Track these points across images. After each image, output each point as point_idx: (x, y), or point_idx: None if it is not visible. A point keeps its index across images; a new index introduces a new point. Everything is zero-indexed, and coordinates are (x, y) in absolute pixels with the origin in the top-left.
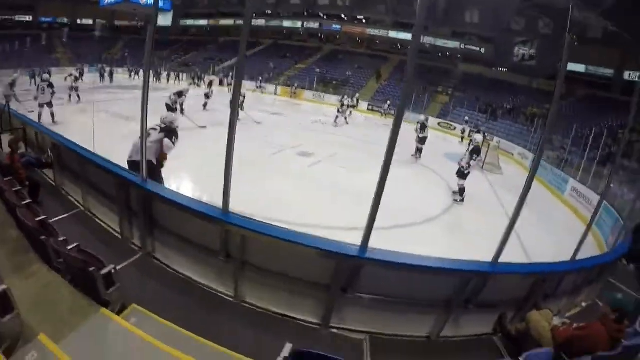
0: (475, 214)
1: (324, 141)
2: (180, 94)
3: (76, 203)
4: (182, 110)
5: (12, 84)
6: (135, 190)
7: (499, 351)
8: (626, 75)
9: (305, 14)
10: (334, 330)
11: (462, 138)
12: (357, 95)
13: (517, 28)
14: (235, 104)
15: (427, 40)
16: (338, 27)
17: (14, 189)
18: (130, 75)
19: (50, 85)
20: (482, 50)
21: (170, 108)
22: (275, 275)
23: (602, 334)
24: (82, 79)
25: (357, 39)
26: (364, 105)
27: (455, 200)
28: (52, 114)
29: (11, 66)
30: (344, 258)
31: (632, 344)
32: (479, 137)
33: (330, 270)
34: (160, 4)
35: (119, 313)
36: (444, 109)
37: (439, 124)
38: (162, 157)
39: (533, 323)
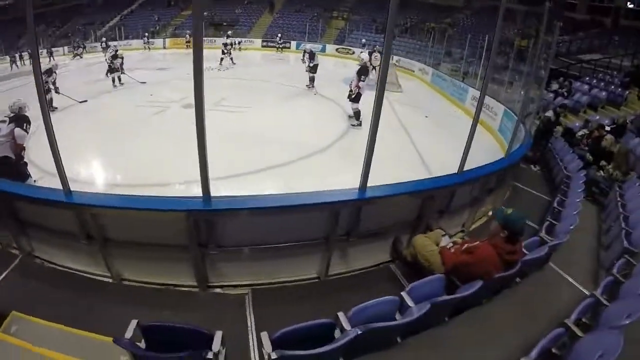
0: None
1: (210, 88)
2: (49, 72)
3: None
4: (56, 89)
5: None
6: None
7: (396, 279)
8: None
9: None
10: (217, 290)
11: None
12: (241, 40)
13: None
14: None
15: None
16: None
17: None
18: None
19: None
20: None
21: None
22: (140, 247)
23: (492, 256)
24: None
25: None
26: (258, 42)
27: (353, 125)
28: None
29: None
30: (188, 213)
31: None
32: (364, 56)
33: (184, 229)
34: None
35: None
36: (341, 34)
37: (337, 50)
38: (19, 149)
39: (418, 248)
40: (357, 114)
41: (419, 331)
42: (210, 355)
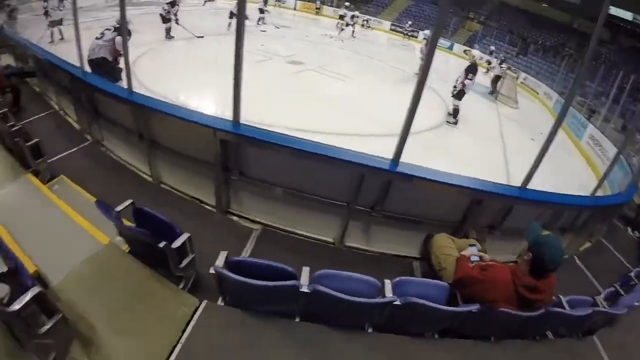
0: (464, 137)
1: (321, 52)
2: (173, 4)
3: (53, 105)
4: (176, 20)
5: (10, 11)
6: (77, 83)
7: (411, 273)
8: None
9: None
10: (234, 218)
11: (488, 69)
12: (370, 19)
13: None
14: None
15: None
16: None
17: None
18: None
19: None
20: None
21: (165, 18)
22: (179, 155)
23: (504, 282)
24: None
25: None
26: (387, 25)
27: (448, 122)
28: (60, 32)
29: None
30: (218, 131)
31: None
32: (475, 52)
33: (212, 147)
34: None
35: (48, 180)
36: (472, 37)
37: (464, 51)
38: (116, 54)
39: (435, 247)
40: (455, 112)
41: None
42: (176, 245)
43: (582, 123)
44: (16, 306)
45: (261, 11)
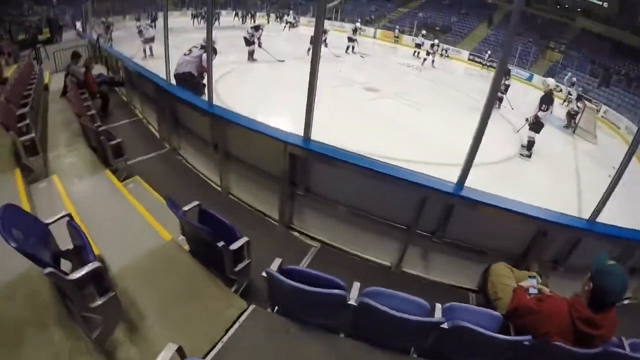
0: (537, 170)
1: (398, 81)
2: (257, 28)
3: (138, 114)
4: (259, 44)
5: (107, 27)
6: (162, 94)
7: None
8: None
9: None
10: (295, 234)
11: (567, 101)
12: (449, 48)
13: None
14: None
15: None
16: None
17: (84, 104)
18: (234, 18)
19: (152, 25)
20: (605, 5)
21: (248, 42)
22: (250, 167)
23: (560, 314)
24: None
25: None
26: (465, 54)
27: (522, 155)
28: (151, 49)
29: (122, 12)
30: (288, 145)
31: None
32: (550, 81)
33: (282, 161)
34: None
35: (124, 179)
36: (553, 67)
37: (543, 82)
38: (201, 70)
39: (492, 275)
40: (530, 144)
41: None
42: (233, 247)
43: None
44: (75, 275)
45: (350, 39)
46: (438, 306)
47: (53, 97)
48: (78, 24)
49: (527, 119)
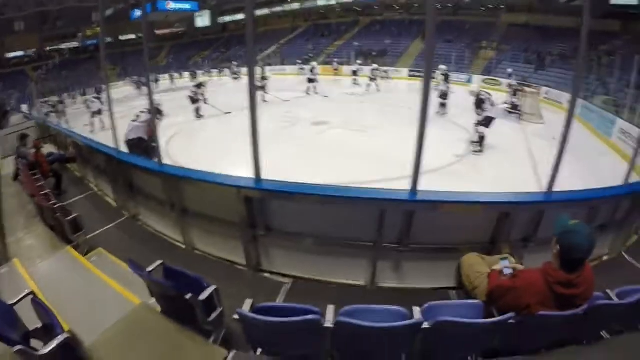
0: (493, 161)
1: (344, 109)
2: (199, 86)
3: (93, 187)
4: (205, 100)
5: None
6: (113, 162)
7: None
8: None
9: None
10: (266, 275)
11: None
12: (387, 69)
13: None
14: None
15: None
16: None
17: (37, 184)
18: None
19: (98, 98)
20: None
21: (193, 99)
22: (208, 219)
23: (536, 284)
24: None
25: (394, 5)
26: (405, 72)
27: (474, 151)
28: (101, 121)
29: (66, 90)
30: (241, 189)
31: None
32: (473, 87)
33: (238, 206)
34: (187, 6)
35: (87, 253)
36: (489, 65)
37: (484, 80)
38: (151, 134)
39: (465, 267)
40: (480, 139)
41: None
42: (202, 297)
43: (611, 120)
44: (44, 350)
45: (310, 80)
46: (416, 309)
47: (5, 182)
48: (24, 107)
49: (475, 123)
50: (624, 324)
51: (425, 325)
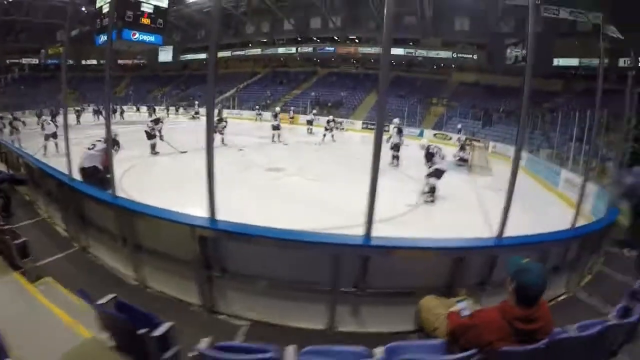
0: (444, 211)
1: (299, 157)
2: (156, 121)
3: (42, 213)
4: (161, 137)
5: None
6: (65, 190)
7: None
8: (621, 62)
9: (299, 39)
10: (221, 317)
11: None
12: (342, 121)
13: (506, 30)
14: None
15: (419, 52)
16: (332, 49)
17: None
18: (136, 110)
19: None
20: (475, 57)
21: (149, 135)
22: (161, 257)
23: (494, 321)
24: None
25: (352, 59)
26: (359, 124)
27: (426, 201)
28: (56, 145)
29: (21, 108)
30: (196, 228)
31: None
32: (423, 141)
33: (192, 245)
34: (152, 39)
35: (34, 281)
36: (439, 120)
37: (434, 135)
38: (106, 164)
39: (423, 310)
40: (431, 189)
41: None
42: (157, 333)
43: (556, 171)
44: None
45: (275, 127)
46: (379, 349)
47: None
48: None
49: (426, 175)
50: (588, 356)
51: None
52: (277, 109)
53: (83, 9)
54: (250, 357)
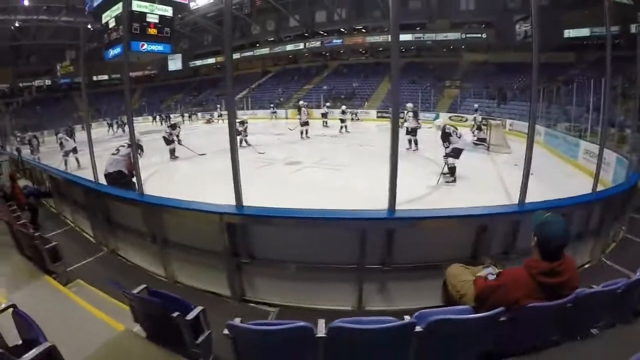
0: (466, 190)
1: (316, 150)
2: (174, 127)
3: (69, 223)
4: (179, 141)
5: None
6: (92, 195)
7: None
8: (633, 28)
9: (306, 34)
10: (251, 305)
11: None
12: (357, 112)
13: (513, 6)
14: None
15: (427, 36)
16: (339, 41)
17: (14, 214)
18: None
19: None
20: (484, 36)
21: (168, 140)
22: (191, 250)
23: (520, 278)
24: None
25: (360, 49)
26: (373, 113)
27: (447, 182)
28: (77, 160)
29: (38, 128)
30: (224, 215)
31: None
32: (438, 122)
33: (220, 234)
34: (160, 48)
35: (65, 284)
36: (454, 102)
37: (450, 118)
38: (131, 168)
39: (450, 277)
40: (451, 170)
41: None
42: (190, 317)
43: (575, 143)
44: (27, 357)
45: (303, 123)
46: (407, 317)
47: None
48: None
49: (444, 155)
50: (614, 314)
51: (418, 328)
52: (302, 102)
53: (89, 26)
54: (285, 326)
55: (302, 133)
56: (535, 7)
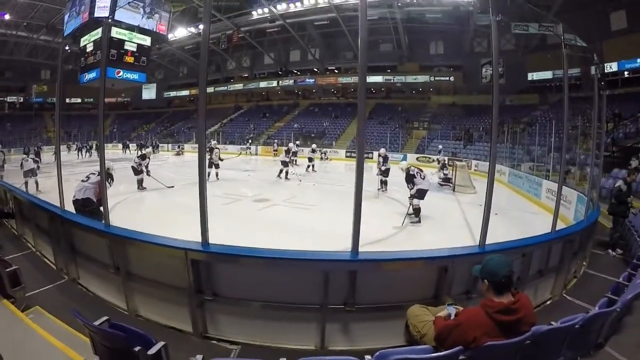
0: (430, 230)
1: (284, 188)
2: (143, 157)
3: (30, 247)
4: (147, 172)
5: None
6: (56, 222)
7: None
8: (593, 70)
9: (280, 72)
10: (213, 342)
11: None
12: (326, 150)
13: (480, 50)
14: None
15: (397, 79)
16: (312, 80)
17: None
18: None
19: (35, 159)
20: (452, 79)
21: (136, 171)
22: (153, 284)
23: (477, 317)
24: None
25: (332, 89)
26: (342, 152)
27: (412, 222)
28: (36, 182)
29: (7, 145)
30: (189, 252)
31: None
32: (403, 164)
33: (185, 270)
34: (135, 77)
35: (23, 310)
36: (422, 143)
37: (417, 158)
38: (100, 196)
39: (410, 317)
40: (416, 211)
41: None
42: (151, 352)
43: (537, 182)
44: None
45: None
46: (367, 357)
47: None
48: None
49: (409, 197)
50: (574, 349)
51: None
52: (291, 144)
53: (67, 48)
54: None
55: (281, 172)
56: (496, 48)
